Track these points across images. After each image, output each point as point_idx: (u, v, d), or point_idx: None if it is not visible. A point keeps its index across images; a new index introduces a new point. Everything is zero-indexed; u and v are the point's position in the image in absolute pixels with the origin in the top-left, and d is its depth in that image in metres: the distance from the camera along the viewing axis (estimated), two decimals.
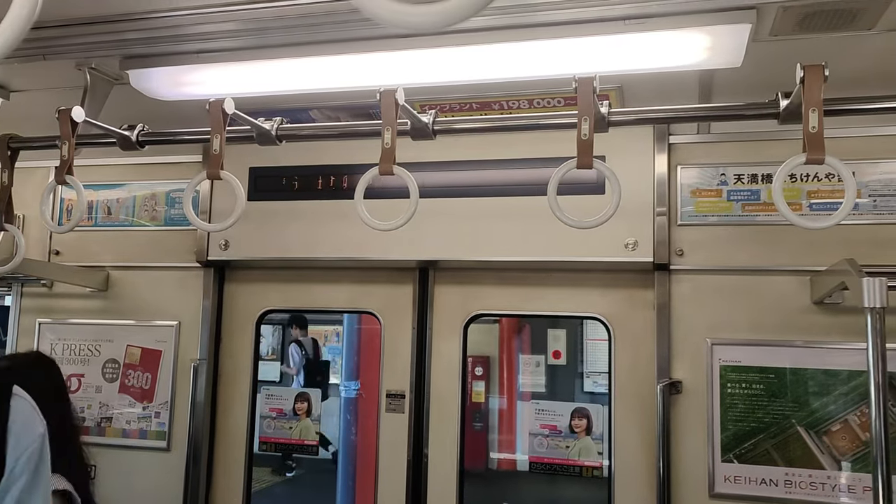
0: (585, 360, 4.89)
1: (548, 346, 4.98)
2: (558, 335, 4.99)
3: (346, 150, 2.65)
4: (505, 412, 5.00)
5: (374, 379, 2.78)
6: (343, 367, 5.02)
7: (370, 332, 4.72)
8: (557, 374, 4.98)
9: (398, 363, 2.75)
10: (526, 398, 4.76)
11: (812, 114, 1.57)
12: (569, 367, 4.95)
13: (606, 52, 2.03)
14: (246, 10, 1.98)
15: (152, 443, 2.87)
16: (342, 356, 5.02)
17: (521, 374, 4.86)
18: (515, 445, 4.57)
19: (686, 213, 2.44)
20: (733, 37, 1.89)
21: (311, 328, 6.10)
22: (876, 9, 1.82)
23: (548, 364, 4.93)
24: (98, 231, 3.04)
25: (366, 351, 4.75)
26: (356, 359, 4.85)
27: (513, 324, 4.95)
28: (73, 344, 3.01)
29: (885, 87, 1.97)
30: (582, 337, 4.89)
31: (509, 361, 4.99)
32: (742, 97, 1.92)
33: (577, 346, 4.97)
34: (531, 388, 4.81)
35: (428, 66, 2.20)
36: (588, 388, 4.86)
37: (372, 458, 2.74)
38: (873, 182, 2.30)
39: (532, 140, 2.45)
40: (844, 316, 2.26)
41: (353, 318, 4.86)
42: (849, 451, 2.24)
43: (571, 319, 4.23)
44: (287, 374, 5.85)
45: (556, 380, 4.97)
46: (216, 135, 1.92)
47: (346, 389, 4.88)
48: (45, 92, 2.61)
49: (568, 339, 4.96)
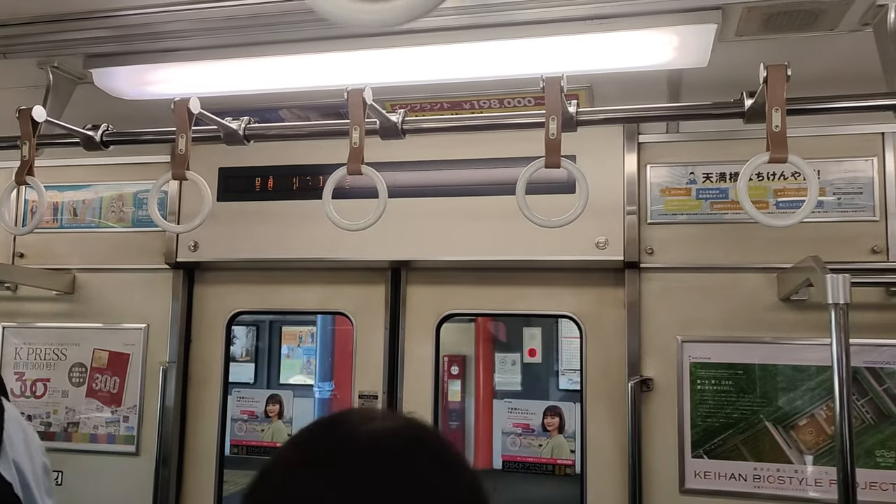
0: (561, 358, 4.92)
1: (523, 344, 5.01)
2: (534, 333, 5.03)
3: (317, 149, 2.63)
4: (481, 411, 5.02)
5: (347, 379, 2.77)
6: (317, 368, 4.99)
7: (344, 333, 4.70)
8: (533, 372, 5.02)
9: (371, 364, 2.73)
10: (502, 396, 4.78)
11: (775, 113, 1.59)
12: (544, 365, 4.99)
13: (575, 51, 2.04)
14: (211, 8, 1.96)
15: (121, 447, 2.82)
16: (316, 357, 5.00)
17: (497, 373, 4.88)
18: (492, 444, 4.58)
19: (656, 211, 2.46)
20: (699, 37, 1.91)
21: (285, 329, 6.07)
22: (837, 10, 1.85)
23: (523, 362, 4.97)
24: (64, 233, 2.98)
25: (340, 352, 4.73)
26: (330, 360, 4.83)
27: (488, 322, 4.97)
28: (39, 348, 2.95)
29: (848, 87, 2.00)
30: (557, 335, 4.92)
31: (486, 360, 5.01)
32: (710, 96, 1.94)
33: (552, 344, 5.01)
34: (507, 386, 4.83)
35: (397, 65, 2.19)
36: (564, 385, 4.90)
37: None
38: (837, 180, 2.33)
39: (503, 139, 2.45)
40: (811, 312, 2.30)
41: (327, 319, 4.84)
42: (815, 445, 2.27)
43: (547, 318, 4.25)
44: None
45: (531, 378, 5.00)
46: (181, 134, 1.90)
47: (321, 390, 4.85)
48: (6, 91, 2.55)
49: (543, 337, 5.00)
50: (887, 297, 2.26)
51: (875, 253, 2.27)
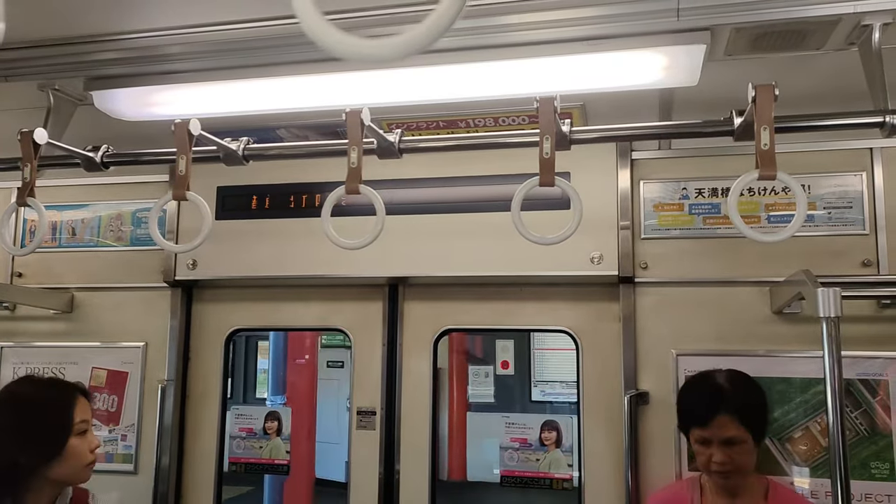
0: (533, 370, 4.96)
1: (496, 356, 5.08)
2: (506, 345, 5.11)
3: (315, 168, 2.65)
4: (455, 423, 5.06)
5: (302, 392, 2.75)
6: (269, 380, 5.05)
7: (296, 344, 4.73)
8: (505, 384, 5.09)
9: (369, 380, 2.75)
10: (475, 409, 4.80)
11: (763, 132, 1.63)
12: (517, 377, 5.05)
13: (568, 71, 2.08)
14: (211, 32, 1.99)
15: (119, 466, 2.82)
16: (269, 369, 5.05)
17: (471, 385, 4.92)
18: (466, 457, 4.62)
19: (649, 226, 2.49)
20: (689, 57, 1.95)
21: (261, 344, 6.07)
22: (824, 30, 1.89)
23: (496, 374, 5.05)
24: (62, 252, 3.00)
25: (292, 364, 4.77)
26: (282, 373, 4.87)
27: (463, 335, 5.01)
28: (37, 367, 2.95)
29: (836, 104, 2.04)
30: (530, 347, 4.96)
31: (459, 372, 5.04)
32: (701, 113, 1.98)
33: (524, 356, 5.05)
34: (480, 398, 4.86)
35: (394, 85, 2.22)
36: (536, 397, 4.92)
37: (304, 474, 2.72)
38: (828, 195, 2.37)
39: (498, 157, 2.49)
40: (803, 325, 2.32)
41: (280, 333, 4.88)
42: (810, 458, 2.29)
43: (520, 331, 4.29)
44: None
45: (504, 390, 5.08)
46: (182, 156, 1.92)
47: (272, 403, 4.93)
48: (7, 113, 2.58)
49: (516, 349, 5.07)
50: (878, 310, 2.29)
51: (866, 266, 2.30)
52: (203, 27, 2.03)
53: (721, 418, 2.03)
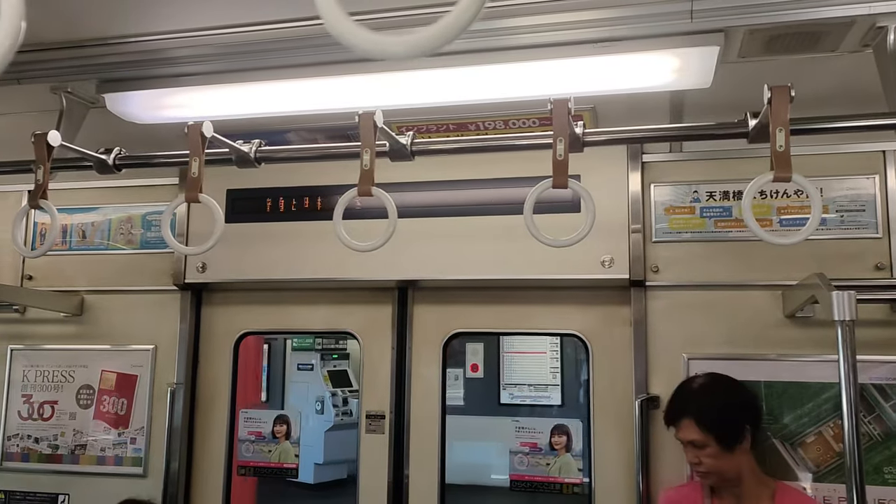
0: (503, 373, 4.97)
1: (466, 359, 5.05)
2: (476, 349, 5.13)
3: (324, 171, 2.65)
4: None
5: (248, 397, 2.72)
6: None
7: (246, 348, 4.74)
8: (474, 387, 5.14)
9: (378, 383, 2.74)
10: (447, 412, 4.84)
11: (779, 133, 1.62)
12: (486, 380, 5.08)
13: (580, 74, 2.07)
14: (223, 35, 2.00)
15: (128, 469, 2.82)
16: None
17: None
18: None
19: (660, 230, 2.48)
20: (702, 59, 1.94)
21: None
22: (838, 32, 1.89)
23: (466, 377, 5.11)
24: (72, 255, 3.00)
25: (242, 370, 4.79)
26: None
27: None
28: (47, 370, 2.96)
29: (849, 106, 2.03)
30: (499, 350, 4.99)
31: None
32: (713, 116, 1.97)
33: (494, 360, 5.08)
34: (450, 401, 4.87)
35: (406, 88, 2.23)
36: (504, 399, 4.96)
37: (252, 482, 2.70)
38: (840, 198, 2.36)
39: (509, 160, 2.48)
40: (816, 329, 2.31)
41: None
42: (824, 463, 2.27)
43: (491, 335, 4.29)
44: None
45: (474, 392, 5.14)
46: (195, 158, 1.92)
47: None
48: (20, 115, 2.59)
49: (486, 352, 5.11)
50: (891, 314, 2.27)
51: (879, 269, 2.29)
52: (214, 30, 2.03)
53: (683, 422, 2.15)
